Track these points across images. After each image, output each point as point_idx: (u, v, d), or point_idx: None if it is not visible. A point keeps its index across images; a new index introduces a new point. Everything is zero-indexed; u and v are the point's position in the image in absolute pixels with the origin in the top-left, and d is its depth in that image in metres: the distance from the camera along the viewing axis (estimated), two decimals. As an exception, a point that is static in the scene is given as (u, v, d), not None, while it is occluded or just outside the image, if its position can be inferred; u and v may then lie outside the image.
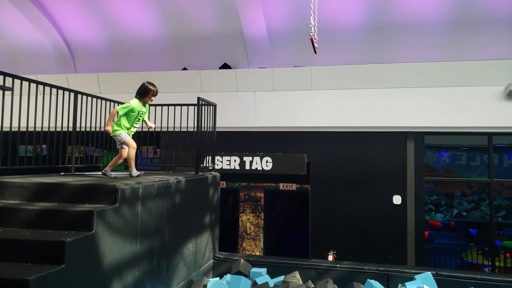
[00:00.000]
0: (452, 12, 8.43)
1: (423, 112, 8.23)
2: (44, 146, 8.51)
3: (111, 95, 6.63)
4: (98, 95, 5.59)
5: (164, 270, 4.33)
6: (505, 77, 7.85)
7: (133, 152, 4.60)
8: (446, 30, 8.61)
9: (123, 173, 5.68)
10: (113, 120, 4.55)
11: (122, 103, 6.09)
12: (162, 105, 6.03)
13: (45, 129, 4.48)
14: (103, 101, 5.61)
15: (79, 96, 5.04)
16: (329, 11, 8.61)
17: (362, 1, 8.61)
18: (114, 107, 5.85)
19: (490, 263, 8.43)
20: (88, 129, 5.27)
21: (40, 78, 5.68)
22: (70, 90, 4.85)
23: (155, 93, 4.78)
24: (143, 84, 4.72)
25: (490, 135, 8.37)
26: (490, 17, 8.28)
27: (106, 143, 5.68)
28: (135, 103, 4.63)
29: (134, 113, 4.64)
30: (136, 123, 4.73)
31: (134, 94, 4.70)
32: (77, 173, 5.05)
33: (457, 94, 8.11)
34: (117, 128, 4.55)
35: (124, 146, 4.56)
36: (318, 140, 8.87)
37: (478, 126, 8.09)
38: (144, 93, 4.68)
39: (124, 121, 4.58)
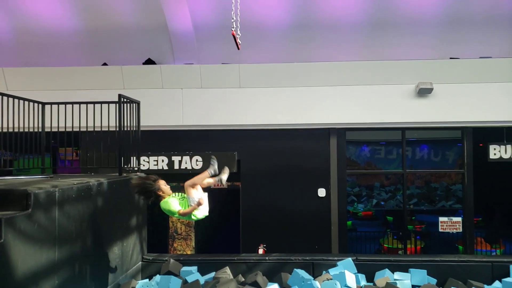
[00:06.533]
0: (370, 14, 8.96)
1: (344, 109, 8.68)
2: None
3: (21, 92, 6.02)
4: (5, 92, 5.08)
5: (87, 276, 4.11)
6: (416, 76, 8.54)
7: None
8: (364, 31, 9.16)
9: (40, 177, 5.27)
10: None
11: (34, 101, 5.63)
12: (80, 103, 5.67)
13: None
14: (11, 99, 5.09)
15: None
16: (255, 9, 8.72)
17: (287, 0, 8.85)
18: (25, 105, 5.37)
19: (403, 246, 9.25)
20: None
21: None
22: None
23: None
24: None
25: (403, 130, 9.09)
26: (403, 19, 8.91)
27: (17, 145, 5.19)
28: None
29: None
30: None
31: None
32: (-18, 178, 4.57)
33: (374, 92, 8.66)
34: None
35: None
36: (248, 137, 8.97)
37: (392, 122, 8.74)
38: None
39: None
